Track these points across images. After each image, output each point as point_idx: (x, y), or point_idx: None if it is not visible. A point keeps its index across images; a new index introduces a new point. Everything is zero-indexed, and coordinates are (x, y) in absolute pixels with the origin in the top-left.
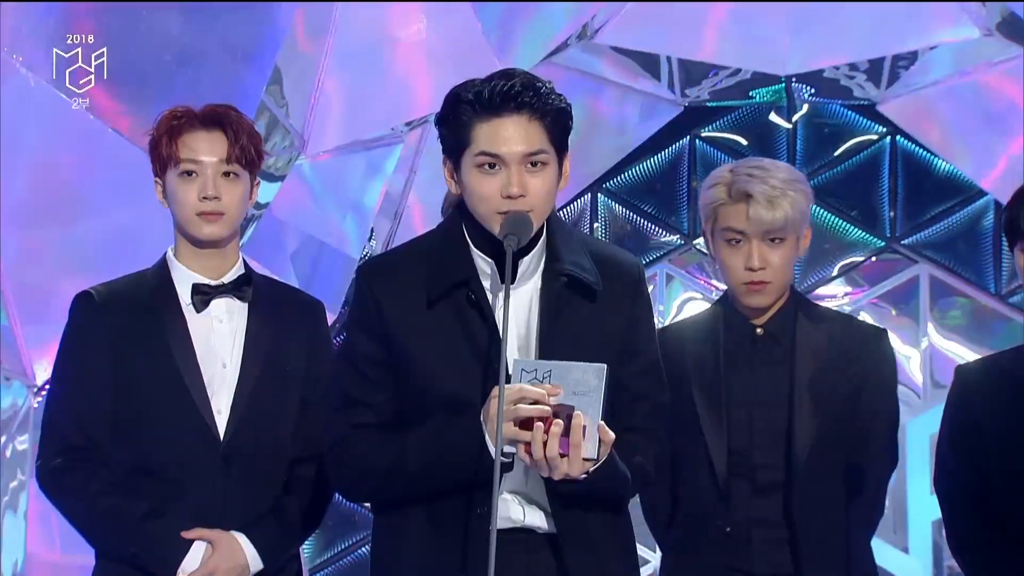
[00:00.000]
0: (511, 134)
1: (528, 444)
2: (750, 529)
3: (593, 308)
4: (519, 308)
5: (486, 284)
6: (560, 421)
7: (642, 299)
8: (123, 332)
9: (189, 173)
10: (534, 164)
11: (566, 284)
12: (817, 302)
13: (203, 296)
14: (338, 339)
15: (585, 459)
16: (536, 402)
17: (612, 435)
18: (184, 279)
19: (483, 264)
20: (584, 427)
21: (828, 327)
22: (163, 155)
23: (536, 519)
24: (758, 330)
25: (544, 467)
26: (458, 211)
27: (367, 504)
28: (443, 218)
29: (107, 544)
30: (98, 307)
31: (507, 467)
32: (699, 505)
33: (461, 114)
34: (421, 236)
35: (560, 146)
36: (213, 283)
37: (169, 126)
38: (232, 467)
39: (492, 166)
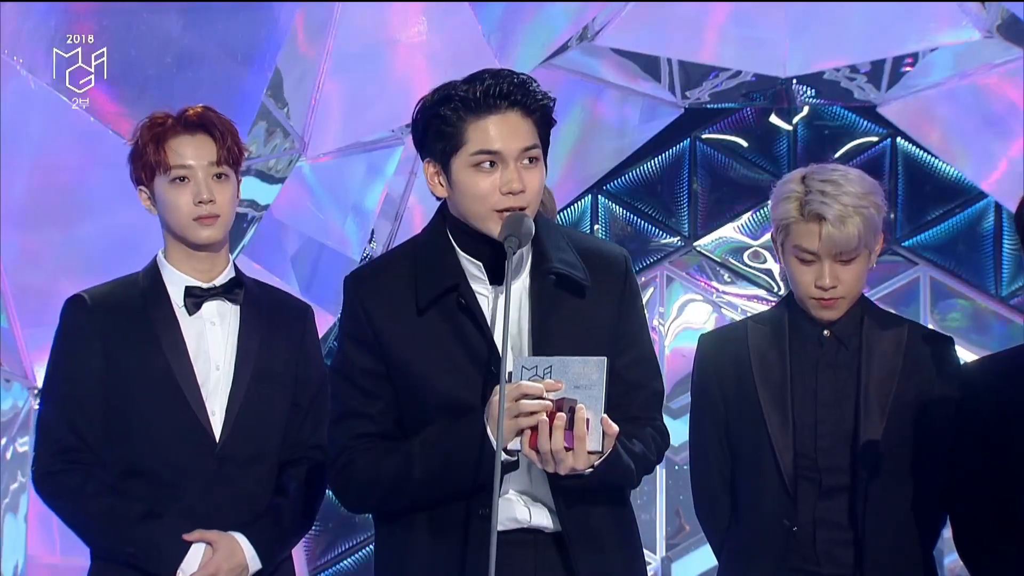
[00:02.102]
0: (508, 130)
1: (533, 439)
2: (815, 530)
3: (583, 303)
4: (512, 303)
5: (475, 287)
6: (563, 415)
7: (630, 289)
8: (115, 335)
9: (181, 179)
10: (529, 160)
11: (555, 282)
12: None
13: (195, 299)
14: (332, 344)
15: (590, 452)
16: (538, 398)
17: (616, 428)
18: (176, 281)
19: (470, 267)
20: (587, 420)
21: (895, 332)
22: (150, 162)
23: (542, 519)
24: (825, 332)
25: (549, 462)
26: (440, 215)
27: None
28: None
29: (105, 545)
30: (88, 311)
31: (512, 466)
32: (764, 505)
33: (451, 115)
34: (405, 243)
35: (546, 142)
36: (205, 285)
37: (153, 133)
38: (226, 469)
39: (491, 164)
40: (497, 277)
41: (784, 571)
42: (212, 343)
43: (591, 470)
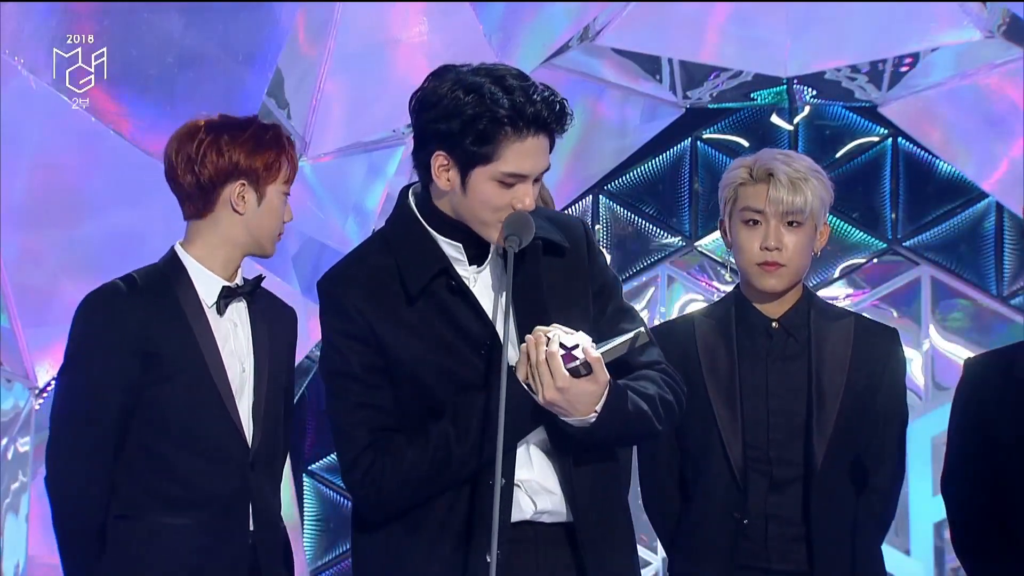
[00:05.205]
0: (537, 155)
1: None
2: (766, 524)
3: (558, 270)
4: (493, 283)
5: (459, 270)
6: (543, 328)
7: (593, 248)
8: (154, 330)
9: (288, 195)
10: (537, 178)
11: (530, 254)
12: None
13: (226, 299)
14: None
15: (573, 373)
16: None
17: (596, 355)
18: (202, 279)
19: (450, 250)
20: (564, 344)
21: (842, 324)
22: (282, 168)
23: (547, 504)
24: (773, 324)
25: (536, 379)
26: (405, 203)
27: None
28: None
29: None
30: (126, 304)
31: (545, 413)
32: (714, 499)
33: (493, 131)
34: (372, 237)
35: None
36: (232, 285)
37: (284, 142)
38: (257, 470)
39: (511, 183)
40: (476, 259)
41: (734, 568)
42: (237, 344)
43: (596, 414)
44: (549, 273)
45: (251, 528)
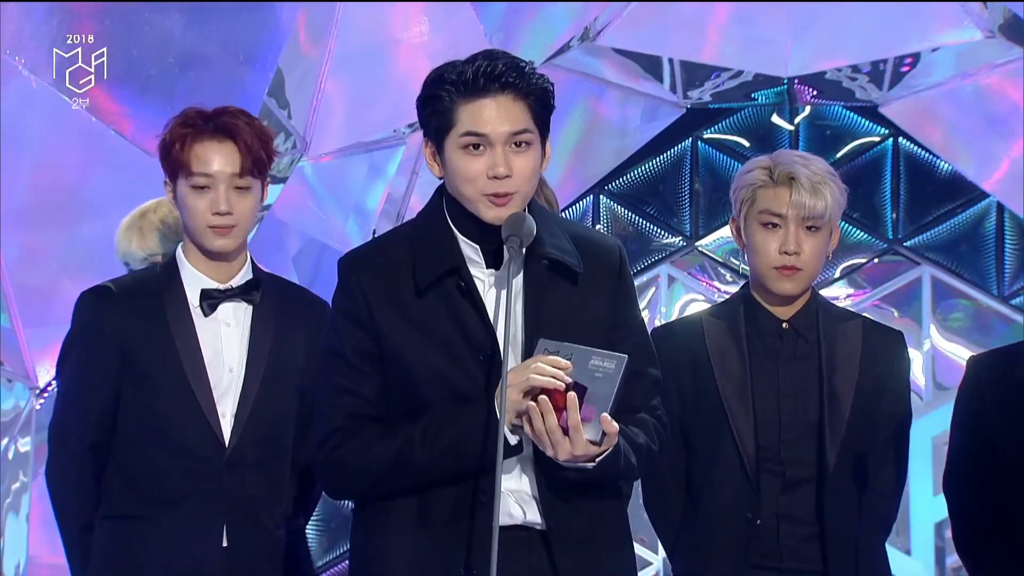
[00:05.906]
0: (496, 114)
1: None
2: (778, 524)
3: (577, 290)
4: (504, 293)
5: (473, 271)
6: (573, 394)
7: (625, 279)
8: (133, 332)
9: (201, 187)
10: (519, 144)
11: (548, 267)
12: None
13: (211, 301)
14: None
15: (590, 441)
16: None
17: (616, 427)
18: (193, 281)
19: (468, 250)
20: (587, 407)
21: (850, 326)
22: (174, 162)
23: (534, 515)
24: (783, 324)
25: (547, 444)
26: (439, 196)
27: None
28: None
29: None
30: (108, 305)
31: (516, 449)
32: (725, 498)
33: (444, 95)
34: (402, 225)
35: (543, 126)
36: (222, 287)
37: (181, 133)
38: (236, 472)
39: (477, 147)
40: (493, 262)
41: (746, 568)
42: (226, 345)
43: (594, 464)
44: (565, 290)
45: (226, 530)
